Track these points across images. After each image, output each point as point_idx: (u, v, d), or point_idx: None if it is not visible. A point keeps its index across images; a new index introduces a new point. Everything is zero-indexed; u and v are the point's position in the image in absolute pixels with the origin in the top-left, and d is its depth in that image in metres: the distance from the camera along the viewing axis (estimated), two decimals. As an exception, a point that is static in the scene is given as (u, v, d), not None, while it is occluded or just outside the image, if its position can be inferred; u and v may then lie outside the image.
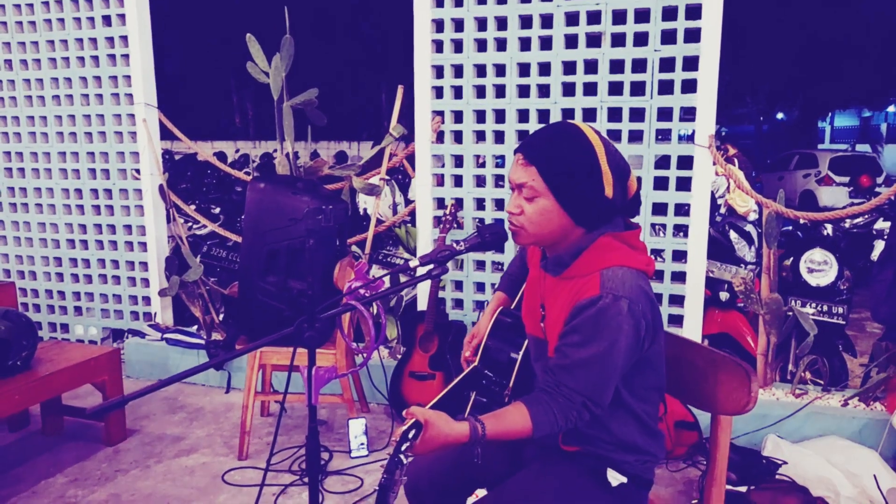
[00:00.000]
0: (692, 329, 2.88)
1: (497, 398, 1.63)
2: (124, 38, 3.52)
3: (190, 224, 4.56)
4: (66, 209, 3.82)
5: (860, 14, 14.51)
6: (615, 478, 1.40)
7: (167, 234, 3.77)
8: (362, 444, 2.76)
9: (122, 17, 3.50)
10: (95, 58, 3.60)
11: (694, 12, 2.70)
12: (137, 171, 3.63)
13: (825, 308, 3.16)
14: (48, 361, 2.66)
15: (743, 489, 2.35)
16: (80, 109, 3.67)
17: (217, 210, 4.89)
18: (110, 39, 3.55)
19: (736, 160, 4.05)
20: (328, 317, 1.28)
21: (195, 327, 3.71)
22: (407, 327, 3.12)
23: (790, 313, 2.89)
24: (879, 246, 5.81)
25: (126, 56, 3.53)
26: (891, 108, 24.60)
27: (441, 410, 1.26)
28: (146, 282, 3.74)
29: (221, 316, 3.70)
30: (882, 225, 6.00)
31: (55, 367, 2.60)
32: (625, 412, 1.37)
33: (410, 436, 1.16)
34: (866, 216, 5.85)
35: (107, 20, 3.54)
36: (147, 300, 3.76)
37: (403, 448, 1.13)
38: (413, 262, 1.38)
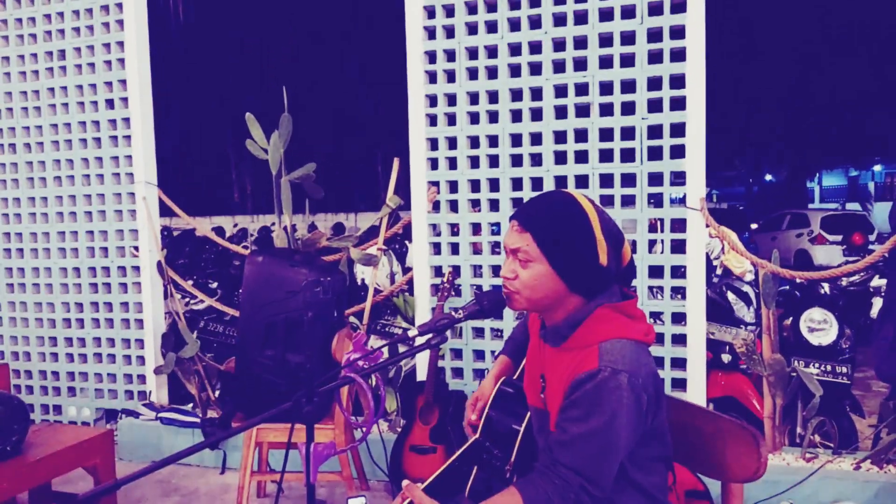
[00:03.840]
0: (696, 392, 2.83)
1: (498, 473, 1.59)
2: (126, 120, 3.61)
3: (187, 299, 4.55)
4: (63, 288, 3.81)
5: (838, 78, 15.05)
6: (626, 554, 1.35)
7: (164, 311, 3.76)
8: (362, 523, 2.66)
9: (124, 100, 3.61)
10: (97, 139, 3.69)
11: (678, 81, 2.80)
12: (136, 248, 3.65)
13: (829, 368, 3.12)
14: (39, 445, 2.58)
15: (760, 561, 2.26)
16: (81, 189, 3.73)
17: (215, 285, 4.89)
18: (112, 122, 3.65)
19: None
20: (326, 390, 1.27)
21: (190, 405, 3.64)
22: (406, 399, 3.07)
23: (794, 374, 2.86)
24: (877, 303, 5.81)
25: (128, 137, 3.62)
26: (876, 167, 25.13)
27: (441, 487, 1.22)
28: (142, 360, 3.70)
29: (217, 392, 3.63)
30: (878, 282, 6.02)
31: (46, 452, 2.52)
32: (631, 487, 1.33)
33: None
34: (862, 274, 5.88)
35: (110, 103, 3.65)
36: (142, 378, 3.70)
37: None
38: (412, 332, 1.37)
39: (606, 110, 2.92)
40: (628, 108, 2.88)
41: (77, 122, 3.70)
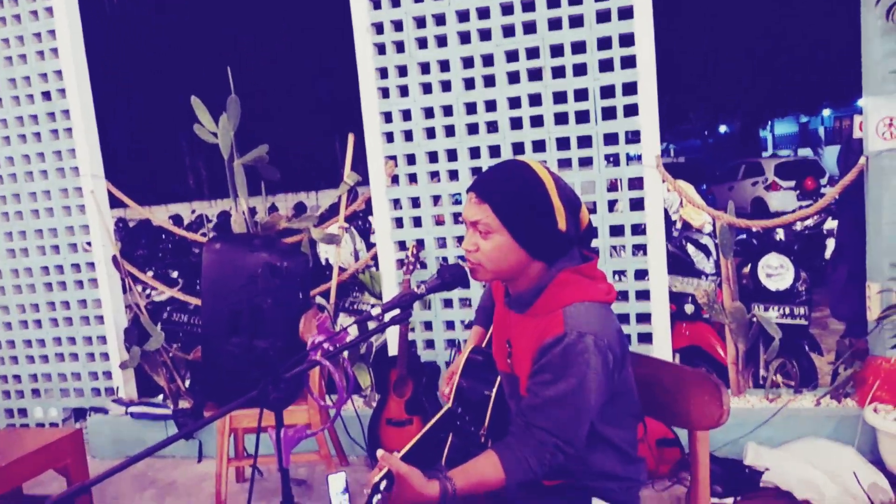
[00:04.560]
0: (661, 345, 2.90)
1: (473, 438, 1.61)
2: (66, 112, 3.46)
3: (149, 291, 4.46)
4: (17, 289, 3.69)
5: (789, 27, 15.25)
6: (601, 506, 1.39)
7: (125, 304, 3.67)
8: (344, 500, 2.68)
9: (62, 91, 3.45)
10: (37, 134, 3.53)
11: (627, 40, 2.80)
12: (88, 243, 3.54)
13: (787, 311, 3.23)
14: (5, 451, 2.52)
15: (729, 501, 2.35)
16: (25, 187, 3.58)
17: (175, 274, 4.79)
18: (51, 114, 3.50)
19: None
20: (293, 376, 1.26)
21: (160, 397, 3.58)
22: (379, 374, 3.08)
23: (754, 320, 2.94)
24: (832, 244, 6.00)
25: (69, 129, 3.47)
26: (825, 112, 25.73)
27: (416, 455, 1.24)
28: (106, 356, 3.62)
29: (187, 382, 3.59)
30: (831, 224, 6.21)
31: (13, 457, 2.46)
32: (602, 443, 1.37)
33: (382, 487, 1.13)
34: (815, 217, 6.06)
35: (47, 95, 3.49)
36: (108, 374, 3.63)
37: (375, 501, 1.10)
38: (375, 311, 1.36)
39: (558, 73, 2.91)
40: (580, 70, 2.87)
41: (13, 117, 3.54)
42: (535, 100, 2.95)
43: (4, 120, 3.56)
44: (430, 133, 3.10)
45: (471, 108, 3.04)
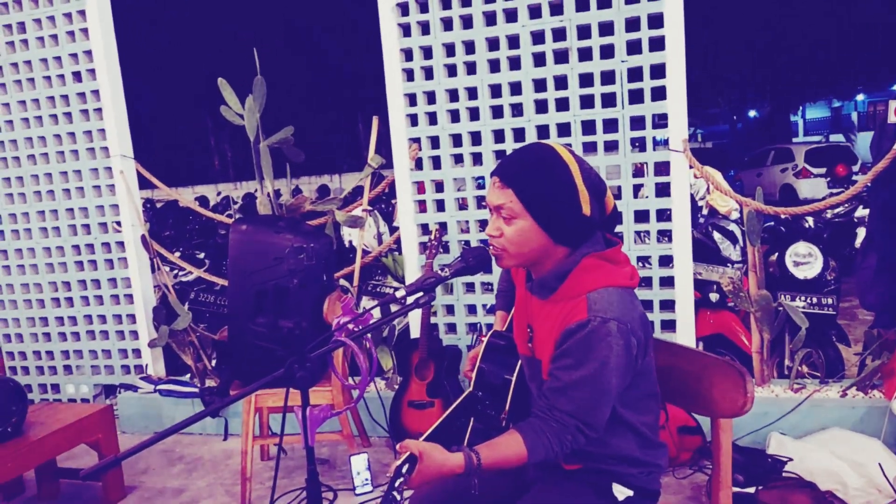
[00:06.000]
0: (685, 332, 2.88)
1: (494, 422, 1.62)
2: (96, 93, 3.52)
3: (176, 272, 4.53)
4: (49, 268, 3.78)
5: (823, 8, 14.83)
6: (621, 491, 1.40)
7: (153, 284, 3.74)
8: (366, 479, 2.72)
9: (91, 71, 3.50)
10: (68, 114, 3.59)
11: (656, 21, 2.75)
12: (118, 223, 3.61)
13: (814, 300, 3.17)
14: (40, 424, 2.60)
15: (751, 490, 2.34)
16: (57, 167, 3.65)
17: (202, 255, 4.86)
18: (82, 95, 3.56)
19: None
20: (318, 355, 1.27)
21: (188, 376, 3.66)
22: (401, 356, 3.10)
23: (780, 308, 2.90)
24: (862, 233, 5.86)
25: (99, 110, 3.53)
26: (859, 97, 25.05)
27: (438, 440, 1.26)
28: (135, 334, 3.70)
29: (214, 362, 3.65)
30: (862, 212, 6.07)
31: (47, 430, 2.55)
32: (623, 427, 1.37)
33: (404, 470, 1.14)
34: (846, 205, 5.92)
35: (77, 76, 3.55)
36: (137, 353, 3.71)
37: (397, 483, 1.12)
38: (399, 293, 1.37)
39: (585, 55, 2.87)
40: (607, 52, 2.83)
41: (45, 98, 3.60)
42: (561, 82, 2.92)
43: (36, 100, 3.63)
44: (455, 116, 3.09)
45: (495, 91, 3.01)
